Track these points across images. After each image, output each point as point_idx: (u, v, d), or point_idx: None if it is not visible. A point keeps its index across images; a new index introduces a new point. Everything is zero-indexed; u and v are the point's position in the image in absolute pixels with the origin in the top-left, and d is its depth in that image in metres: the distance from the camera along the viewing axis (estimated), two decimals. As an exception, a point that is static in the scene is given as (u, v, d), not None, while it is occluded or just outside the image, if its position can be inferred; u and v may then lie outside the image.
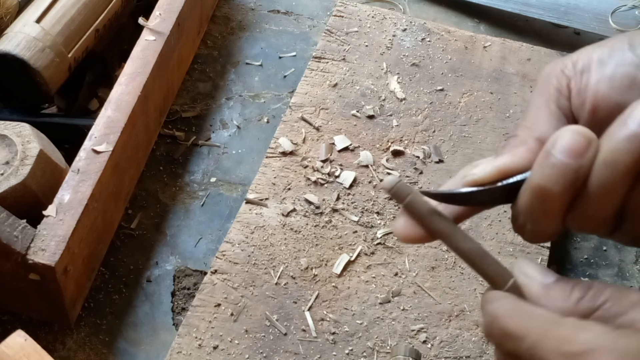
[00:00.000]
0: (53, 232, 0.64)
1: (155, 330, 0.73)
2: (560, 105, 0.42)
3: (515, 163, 0.40)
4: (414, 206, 0.41)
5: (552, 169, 0.37)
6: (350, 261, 0.74)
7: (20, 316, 0.72)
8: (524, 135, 0.41)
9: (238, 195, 0.83)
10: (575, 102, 0.42)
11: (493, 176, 0.40)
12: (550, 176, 0.37)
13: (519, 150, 0.40)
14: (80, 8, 0.80)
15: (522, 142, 0.41)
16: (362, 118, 0.85)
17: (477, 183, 0.41)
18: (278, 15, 1.01)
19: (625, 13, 1.01)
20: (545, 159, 0.37)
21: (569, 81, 0.42)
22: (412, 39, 0.93)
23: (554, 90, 0.42)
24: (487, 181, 0.41)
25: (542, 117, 0.42)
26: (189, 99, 0.90)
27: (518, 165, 0.40)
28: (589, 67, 0.42)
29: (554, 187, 0.37)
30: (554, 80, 0.42)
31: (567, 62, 0.43)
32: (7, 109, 0.79)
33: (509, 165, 0.40)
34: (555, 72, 0.43)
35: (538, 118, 0.42)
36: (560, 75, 0.42)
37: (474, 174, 0.41)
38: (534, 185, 0.38)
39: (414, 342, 0.70)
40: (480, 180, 0.41)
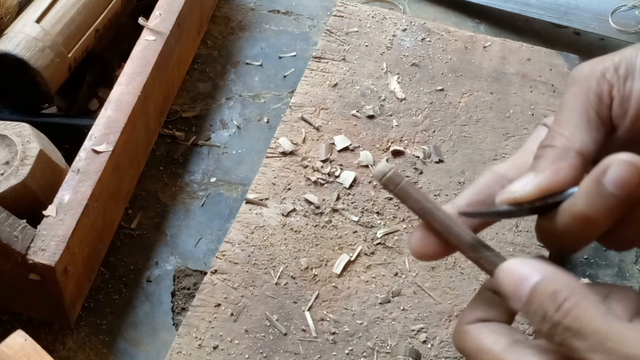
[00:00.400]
0: (53, 232, 0.64)
1: (155, 330, 0.73)
2: (600, 113, 0.40)
3: (559, 182, 0.38)
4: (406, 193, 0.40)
5: (601, 200, 0.35)
6: (350, 261, 0.74)
7: (20, 316, 0.72)
8: (562, 146, 0.39)
9: (238, 195, 0.83)
10: (617, 111, 0.40)
11: (535, 195, 0.39)
12: (599, 206, 0.36)
13: (562, 167, 0.38)
14: (80, 8, 0.80)
15: (562, 156, 0.39)
16: (362, 118, 0.85)
17: (517, 202, 0.39)
18: (278, 15, 1.01)
19: (625, 13, 1.01)
20: (593, 187, 0.36)
21: (611, 88, 0.40)
22: (412, 39, 0.93)
23: (593, 96, 0.40)
24: (529, 200, 0.39)
25: (581, 126, 0.39)
26: (189, 99, 0.90)
27: (562, 184, 0.38)
28: (633, 73, 0.40)
29: (600, 217, 0.36)
30: (594, 84, 0.40)
31: (608, 64, 0.40)
32: (7, 109, 0.79)
33: (552, 185, 0.38)
34: (596, 74, 0.40)
35: (577, 127, 0.39)
36: (601, 79, 0.40)
37: (515, 192, 0.39)
38: (579, 212, 0.37)
39: (414, 342, 0.70)
40: (521, 199, 0.39)
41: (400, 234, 0.77)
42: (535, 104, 0.88)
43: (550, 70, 0.91)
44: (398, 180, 0.40)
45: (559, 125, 0.40)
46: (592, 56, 1.06)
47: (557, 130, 0.40)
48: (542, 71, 0.91)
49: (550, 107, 0.88)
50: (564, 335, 0.34)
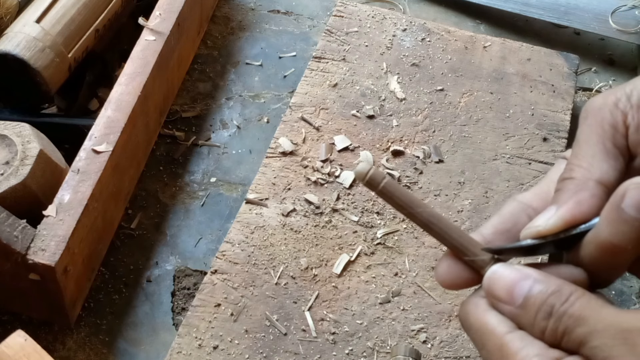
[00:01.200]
0: (53, 232, 0.64)
1: (155, 330, 0.73)
2: (617, 142, 0.40)
3: (582, 213, 0.38)
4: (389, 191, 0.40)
5: (624, 226, 0.35)
6: (350, 261, 0.74)
7: (20, 316, 0.72)
8: (582, 178, 0.39)
9: (238, 195, 0.83)
10: (633, 139, 0.40)
11: (559, 228, 0.38)
12: (623, 233, 0.35)
13: (583, 198, 0.38)
14: (80, 8, 0.80)
15: (582, 187, 0.39)
16: (362, 118, 0.85)
17: (541, 235, 0.39)
18: (278, 15, 1.01)
19: (625, 13, 1.01)
20: (614, 213, 0.36)
21: (624, 117, 0.40)
22: (412, 39, 0.93)
23: (608, 127, 0.40)
24: (552, 233, 0.39)
25: (599, 156, 0.39)
26: (189, 99, 0.90)
27: (585, 215, 0.38)
28: None
29: (627, 244, 0.36)
30: (607, 115, 0.40)
31: (620, 94, 0.40)
32: (7, 109, 0.79)
33: (576, 216, 0.38)
34: (608, 105, 0.40)
35: (594, 157, 0.39)
36: (614, 109, 0.40)
37: (538, 226, 0.39)
38: (603, 241, 0.36)
39: (414, 342, 0.70)
40: (545, 233, 0.39)
41: (400, 234, 0.77)
42: (535, 104, 0.88)
43: (550, 70, 0.91)
44: (379, 179, 0.40)
45: (577, 157, 0.40)
46: (592, 56, 1.06)
47: (575, 163, 0.40)
48: (542, 71, 0.91)
49: (550, 107, 0.88)
50: (567, 323, 0.35)
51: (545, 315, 0.36)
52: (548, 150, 0.84)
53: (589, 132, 0.40)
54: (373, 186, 0.40)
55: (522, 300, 0.37)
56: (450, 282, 0.41)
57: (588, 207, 0.38)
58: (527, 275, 0.38)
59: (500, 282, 0.38)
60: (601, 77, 0.99)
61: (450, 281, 0.41)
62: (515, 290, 0.37)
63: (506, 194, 0.80)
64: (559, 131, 0.86)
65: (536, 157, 0.83)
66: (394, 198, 0.40)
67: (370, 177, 0.40)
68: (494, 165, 0.83)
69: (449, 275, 0.41)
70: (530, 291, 0.37)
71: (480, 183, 0.81)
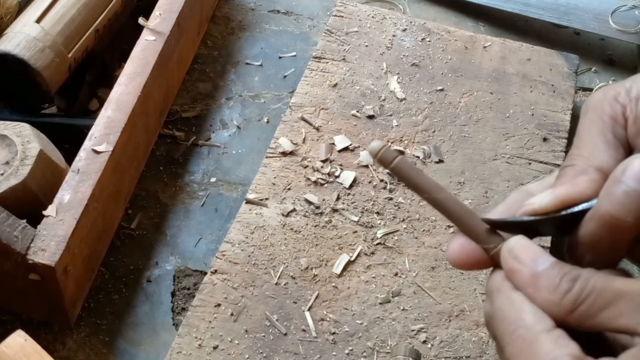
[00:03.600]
0: (53, 232, 0.64)
1: (155, 330, 0.73)
2: (616, 133, 0.40)
3: (578, 192, 0.38)
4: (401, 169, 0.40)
5: (624, 197, 0.36)
6: (350, 261, 0.74)
7: (20, 316, 0.72)
8: (582, 165, 0.40)
9: (238, 195, 0.83)
10: (632, 131, 0.40)
11: (554, 206, 0.39)
12: (623, 204, 0.36)
13: (581, 180, 0.39)
14: (80, 8, 0.80)
15: (582, 172, 0.39)
16: (362, 118, 0.85)
17: (536, 213, 0.39)
18: (278, 15, 1.01)
19: (625, 13, 1.01)
20: (615, 186, 0.36)
21: (624, 109, 0.41)
22: (412, 39, 0.93)
23: (608, 119, 0.41)
24: (548, 211, 0.39)
25: (599, 146, 0.40)
26: (189, 99, 0.90)
27: (581, 195, 0.38)
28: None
29: (627, 216, 0.36)
30: (607, 108, 0.41)
31: (620, 89, 0.41)
32: (7, 109, 0.79)
33: (571, 195, 0.39)
34: (608, 99, 0.41)
35: (595, 147, 0.40)
36: (614, 102, 0.41)
37: (533, 204, 0.39)
38: (602, 214, 0.37)
39: (414, 342, 0.70)
40: (540, 210, 0.39)
41: (400, 234, 0.77)
42: (535, 104, 0.88)
43: (550, 70, 0.91)
44: (392, 157, 0.41)
45: (578, 148, 0.41)
46: (592, 56, 1.06)
47: (576, 153, 0.41)
48: (542, 71, 0.91)
49: (550, 107, 0.88)
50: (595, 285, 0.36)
51: (573, 278, 0.36)
52: (548, 150, 0.84)
53: (589, 124, 0.41)
54: (385, 163, 0.41)
55: (546, 266, 0.37)
56: (461, 261, 0.40)
57: (584, 189, 0.39)
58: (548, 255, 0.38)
59: (528, 248, 0.38)
60: (601, 77, 0.99)
61: (463, 260, 0.40)
62: (540, 258, 0.38)
63: (506, 194, 0.80)
64: (559, 131, 0.86)
65: (536, 157, 0.83)
66: (404, 177, 0.41)
67: (382, 155, 0.41)
68: (494, 165, 0.83)
69: (461, 254, 0.40)
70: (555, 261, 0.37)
71: (480, 183, 0.81)
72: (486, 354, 0.70)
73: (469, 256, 0.41)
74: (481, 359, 0.69)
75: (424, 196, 0.41)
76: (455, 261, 0.41)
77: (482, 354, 0.70)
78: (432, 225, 0.78)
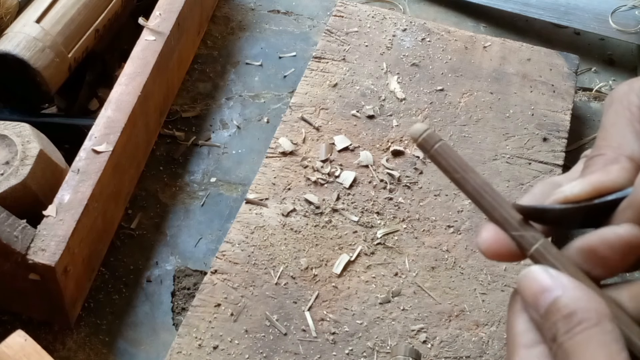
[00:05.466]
0: (53, 232, 0.64)
1: (155, 330, 0.73)
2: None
3: (611, 180, 0.37)
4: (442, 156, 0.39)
5: None
6: (350, 261, 0.74)
7: (20, 316, 0.72)
8: (613, 154, 0.38)
9: (238, 195, 0.83)
10: None
11: (587, 193, 0.37)
12: None
13: (613, 168, 0.37)
14: (80, 8, 0.80)
15: (613, 160, 0.38)
16: (362, 118, 0.85)
17: (568, 200, 0.38)
18: (278, 15, 1.01)
19: (625, 13, 1.01)
20: None
21: None
22: (412, 39, 0.93)
23: (636, 109, 0.39)
24: (580, 199, 0.37)
25: (628, 136, 0.39)
26: (189, 99, 0.90)
27: (615, 183, 0.37)
28: None
29: None
30: (634, 99, 0.40)
31: None
32: (7, 109, 0.79)
33: (604, 182, 0.37)
34: (635, 91, 0.40)
35: (624, 137, 0.39)
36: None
37: (564, 191, 0.38)
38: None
39: (414, 342, 0.70)
40: (573, 198, 0.37)
41: (400, 234, 0.77)
42: (535, 104, 0.88)
43: (550, 70, 0.91)
44: (433, 142, 0.39)
45: (605, 139, 0.39)
46: (592, 56, 1.06)
47: (604, 144, 0.39)
48: (542, 71, 0.91)
49: (550, 107, 0.88)
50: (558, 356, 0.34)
51: (552, 337, 0.35)
52: (548, 150, 0.84)
53: (615, 116, 0.40)
54: (426, 149, 0.39)
55: (543, 312, 0.35)
56: (493, 251, 0.39)
57: (617, 177, 0.37)
58: (558, 285, 0.36)
59: (532, 284, 0.36)
60: (601, 77, 0.99)
61: (494, 250, 0.39)
62: (541, 298, 0.36)
63: (506, 194, 0.80)
64: (559, 131, 0.86)
65: (536, 157, 0.83)
66: (443, 163, 0.39)
67: (424, 139, 0.39)
68: (494, 165, 0.83)
69: (494, 244, 0.38)
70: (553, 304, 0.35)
71: (480, 183, 0.81)
72: (486, 354, 0.70)
73: (503, 247, 0.39)
74: (481, 359, 0.69)
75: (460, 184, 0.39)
76: (487, 251, 0.39)
77: (482, 354, 0.70)
78: (432, 225, 0.78)
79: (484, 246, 0.39)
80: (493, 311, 0.72)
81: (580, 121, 0.94)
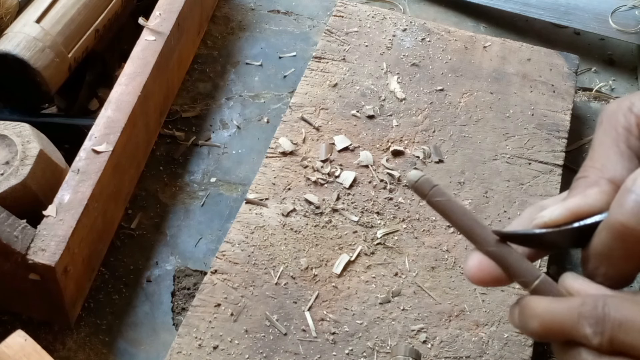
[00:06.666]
0: (53, 232, 0.64)
1: (155, 330, 0.73)
2: (630, 144, 0.40)
3: (589, 204, 0.38)
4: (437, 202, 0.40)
5: (635, 206, 0.35)
6: (350, 261, 0.74)
7: (20, 316, 0.72)
8: (594, 177, 0.39)
9: (238, 195, 0.83)
10: None
11: (565, 218, 0.39)
12: (634, 214, 0.35)
13: (592, 192, 0.39)
14: (80, 8, 0.80)
15: (593, 184, 0.39)
16: (362, 118, 0.85)
17: (547, 225, 0.39)
18: (278, 15, 1.01)
19: (625, 13, 1.01)
20: (626, 196, 0.36)
21: (638, 120, 0.40)
22: (412, 39, 0.93)
23: (622, 130, 0.40)
24: (559, 223, 0.39)
25: (612, 157, 0.40)
26: (189, 99, 0.90)
27: (592, 207, 0.38)
28: None
29: (638, 225, 0.35)
30: (621, 118, 0.41)
31: (635, 100, 0.41)
32: (7, 109, 0.80)
33: (581, 206, 0.38)
34: (622, 110, 0.41)
35: (608, 158, 0.40)
36: (628, 113, 0.41)
37: (544, 216, 0.39)
38: (614, 223, 0.36)
39: (414, 342, 0.70)
40: (551, 223, 0.39)
41: (400, 234, 0.77)
42: (535, 104, 0.88)
43: (550, 70, 0.91)
44: (427, 189, 0.41)
45: (591, 159, 0.41)
46: (592, 56, 1.06)
47: (589, 165, 0.40)
48: (542, 71, 0.91)
49: (550, 107, 0.88)
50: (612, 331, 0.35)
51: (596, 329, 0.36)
52: (548, 150, 0.84)
53: (603, 135, 0.41)
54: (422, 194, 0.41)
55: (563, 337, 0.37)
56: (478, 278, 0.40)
57: (594, 200, 0.38)
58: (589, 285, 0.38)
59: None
60: (601, 77, 0.99)
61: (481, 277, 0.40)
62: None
63: (506, 194, 0.80)
64: (559, 131, 0.86)
65: (536, 157, 0.83)
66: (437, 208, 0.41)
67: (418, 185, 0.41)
68: (494, 165, 0.83)
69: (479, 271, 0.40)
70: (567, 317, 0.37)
71: (480, 183, 0.81)
72: (486, 354, 0.70)
73: (487, 273, 0.40)
74: (481, 359, 0.69)
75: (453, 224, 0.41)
76: (473, 278, 0.41)
77: (482, 354, 0.70)
78: (432, 225, 0.78)
79: (470, 273, 0.41)
80: (493, 311, 0.72)
81: (580, 121, 0.94)
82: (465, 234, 0.41)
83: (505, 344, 0.70)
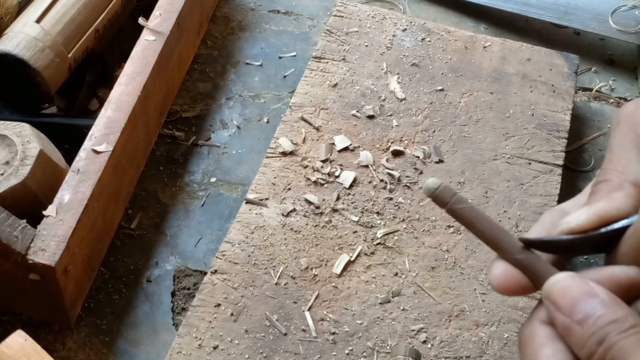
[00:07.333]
0: (53, 232, 0.64)
1: (155, 330, 0.73)
2: None
3: (616, 208, 0.37)
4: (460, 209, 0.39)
5: None
6: (350, 261, 0.74)
7: (20, 316, 0.72)
8: (617, 180, 0.38)
9: (238, 195, 0.83)
10: None
11: (592, 223, 0.38)
12: None
13: (617, 195, 0.38)
14: (80, 8, 0.80)
15: (617, 187, 0.38)
16: (362, 118, 0.85)
17: (574, 231, 0.38)
18: (278, 15, 1.01)
19: (625, 13, 1.01)
20: None
21: None
22: (412, 39, 0.93)
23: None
24: (586, 229, 0.38)
25: (634, 159, 0.39)
26: (189, 99, 0.90)
27: (619, 211, 0.37)
28: None
29: None
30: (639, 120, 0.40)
31: None
32: (7, 109, 0.80)
33: (609, 211, 0.37)
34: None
35: (629, 161, 0.39)
36: None
37: (570, 222, 0.38)
38: None
39: (414, 342, 0.70)
40: (578, 228, 0.38)
41: (400, 234, 0.77)
42: (535, 104, 0.88)
43: (550, 70, 0.91)
44: (448, 197, 0.40)
45: (611, 162, 0.40)
46: (592, 56, 1.06)
47: (609, 168, 0.40)
48: (542, 71, 0.91)
49: (550, 107, 0.88)
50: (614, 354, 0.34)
51: (598, 340, 0.35)
52: (548, 150, 0.84)
53: (621, 137, 0.40)
54: (441, 203, 0.40)
55: (581, 317, 0.35)
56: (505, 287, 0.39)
57: (621, 204, 0.37)
58: (595, 293, 0.36)
59: (567, 292, 0.37)
60: (601, 77, 0.99)
61: (507, 286, 0.39)
62: (579, 305, 0.36)
63: (506, 194, 0.80)
64: (559, 131, 0.86)
65: (536, 157, 0.83)
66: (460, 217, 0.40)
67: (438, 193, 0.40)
68: (494, 165, 0.83)
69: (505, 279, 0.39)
70: (593, 311, 0.35)
71: (480, 183, 0.81)
72: (486, 354, 0.70)
73: (515, 282, 0.39)
74: (481, 359, 0.69)
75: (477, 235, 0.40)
76: (499, 287, 0.39)
77: (482, 354, 0.70)
78: (432, 225, 0.78)
79: (495, 282, 0.39)
80: (493, 311, 0.72)
81: (580, 121, 0.94)
82: (490, 242, 0.40)
83: (505, 344, 0.70)
